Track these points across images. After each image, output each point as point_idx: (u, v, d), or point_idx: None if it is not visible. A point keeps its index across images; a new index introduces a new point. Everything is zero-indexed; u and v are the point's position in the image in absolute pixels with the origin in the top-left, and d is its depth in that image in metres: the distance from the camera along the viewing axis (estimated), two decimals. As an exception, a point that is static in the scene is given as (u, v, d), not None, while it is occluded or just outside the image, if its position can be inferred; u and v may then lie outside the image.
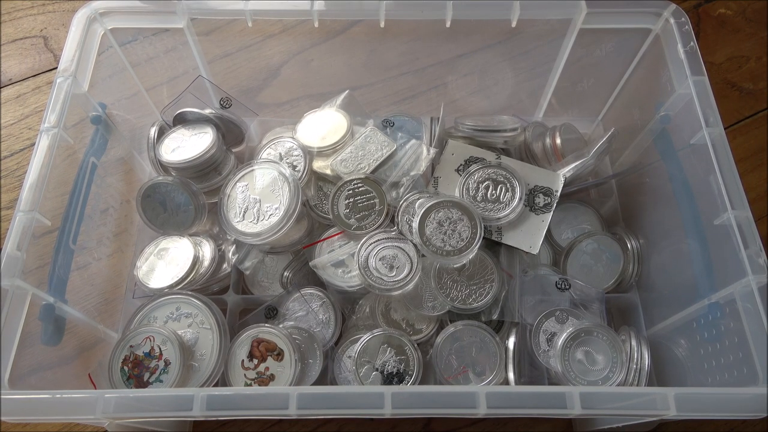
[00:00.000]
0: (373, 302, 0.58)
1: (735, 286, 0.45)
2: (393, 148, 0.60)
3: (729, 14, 0.86)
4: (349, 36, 0.64)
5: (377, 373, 0.53)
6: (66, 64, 0.53)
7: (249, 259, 0.60)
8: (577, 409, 0.39)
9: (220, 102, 0.65)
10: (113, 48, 0.60)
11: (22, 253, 0.45)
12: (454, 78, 0.72)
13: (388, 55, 0.70)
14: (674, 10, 0.56)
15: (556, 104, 0.72)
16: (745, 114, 0.79)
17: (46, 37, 0.84)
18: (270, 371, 0.53)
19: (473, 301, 0.55)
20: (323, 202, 0.61)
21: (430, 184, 0.61)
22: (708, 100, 0.52)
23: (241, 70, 0.71)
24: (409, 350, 0.53)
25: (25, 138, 0.76)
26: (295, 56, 0.71)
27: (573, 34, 0.61)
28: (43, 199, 0.48)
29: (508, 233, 0.58)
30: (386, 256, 0.55)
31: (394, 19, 0.58)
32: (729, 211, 0.47)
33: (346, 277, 0.57)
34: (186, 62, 0.65)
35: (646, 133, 0.61)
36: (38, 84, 0.81)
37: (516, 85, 0.72)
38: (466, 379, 0.54)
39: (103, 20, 0.57)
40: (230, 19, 0.60)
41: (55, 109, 0.51)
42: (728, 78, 0.82)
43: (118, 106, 0.62)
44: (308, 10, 0.57)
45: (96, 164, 0.57)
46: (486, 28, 0.62)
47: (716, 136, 0.50)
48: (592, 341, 0.53)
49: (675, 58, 0.55)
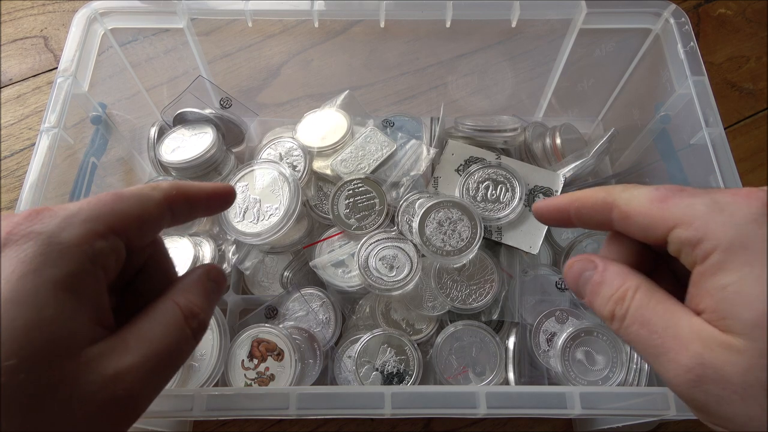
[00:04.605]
0: (373, 302, 0.58)
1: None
2: (393, 148, 0.60)
3: (729, 14, 0.86)
4: (349, 36, 0.64)
5: (377, 373, 0.53)
6: (66, 64, 0.53)
7: (249, 259, 0.60)
8: (577, 409, 0.39)
9: (220, 102, 0.65)
10: (113, 48, 0.60)
11: (22, 253, 0.45)
12: (454, 78, 0.72)
13: (388, 55, 0.70)
14: (674, 10, 0.56)
15: (556, 104, 0.72)
16: (745, 114, 0.79)
17: (46, 37, 0.84)
18: (270, 371, 0.53)
19: (473, 301, 0.55)
20: (323, 202, 0.61)
21: (430, 184, 0.61)
22: (708, 100, 0.52)
23: (241, 70, 0.71)
24: (409, 350, 0.53)
25: (25, 138, 0.76)
26: (295, 56, 0.71)
27: (573, 34, 0.61)
28: (43, 199, 0.47)
29: (508, 233, 0.58)
30: (386, 256, 0.55)
31: (394, 19, 0.58)
32: (729, 211, 0.47)
33: (346, 277, 0.57)
34: (186, 62, 0.65)
35: (646, 133, 0.61)
36: (38, 84, 0.81)
37: (516, 85, 0.72)
38: (466, 379, 0.54)
39: (103, 20, 0.57)
40: (230, 19, 0.60)
41: (56, 109, 0.51)
42: (728, 78, 0.82)
43: (118, 106, 0.62)
44: (308, 10, 0.57)
45: (96, 164, 0.57)
46: (486, 28, 0.62)
47: (716, 136, 0.50)
48: (592, 341, 0.53)
49: (675, 58, 0.55)
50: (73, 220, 0.24)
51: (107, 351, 0.24)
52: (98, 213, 0.26)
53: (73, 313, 0.23)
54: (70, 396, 0.22)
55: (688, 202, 0.26)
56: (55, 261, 0.23)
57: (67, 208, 0.25)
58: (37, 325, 0.22)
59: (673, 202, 0.27)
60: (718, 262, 0.24)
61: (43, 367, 0.21)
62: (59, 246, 0.23)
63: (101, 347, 0.24)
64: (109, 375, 0.23)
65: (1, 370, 0.20)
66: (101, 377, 0.23)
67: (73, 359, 0.22)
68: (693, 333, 0.25)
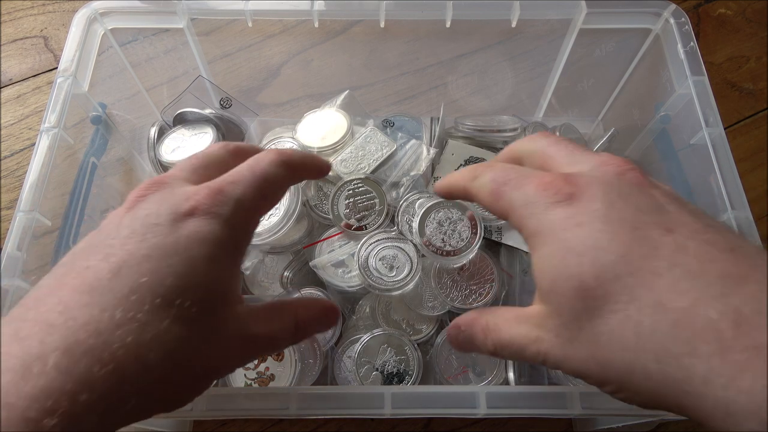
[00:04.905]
0: (373, 302, 0.58)
1: (735, 286, 0.45)
2: (393, 148, 0.60)
3: (729, 14, 0.86)
4: (349, 36, 0.64)
5: (377, 373, 0.53)
6: (66, 64, 0.53)
7: (249, 259, 0.60)
8: (577, 409, 0.39)
9: (220, 102, 0.65)
10: (113, 48, 0.60)
11: (23, 253, 0.45)
12: (454, 78, 0.72)
13: (388, 55, 0.70)
14: (674, 10, 0.56)
15: (556, 104, 0.72)
16: (745, 114, 0.79)
17: (46, 37, 0.84)
18: (270, 371, 0.53)
19: (473, 301, 0.55)
20: (323, 202, 0.61)
21: (430, 184, 0.61)
22: (708, 100, 0.52)
23: (241, 70, 0.71)
24: (409, 350, 0.53)
25: (25, 138, 0.76)
26: (295, 56, 0.71)
27: (573, 34, 0.61)
28: (43, 199, 0.47)
29: (508, 233, 0.58)
30: (386, 256, 0.55)
31: (394, 19, 0.58)
32: (729, 211, 0.47)
33: (346, 277, 0.57)
34: (186, 62, 0.65)
35: (646, 133, 0.61)
36: (38, 84, 0.81)
37: (516, 85, 0.72)
38: (466, 379, 0.54)
39: (103, 20, 0.57)
40: (230, 19, 0.60)
41: (55, 109, 0.51)
42: (728, 78, 0.82)
43: (118, 106, 0.62)
44: (308, 10, 0.57)
45: (96, 164, 0.57)
46: (486, 28, 0.62)
47: (716, 136, 0.50)
48: (592, 341, 0.53)
49: (675, 58, 0.55)
50: (240, 209, 0.32)
51: (244, 314, 0.32)
52: (256, 205, 0.33)
53: (234, 278, 0.32)
54: (228, 335, 0.30)
55: (509, 198, 0.32)
56: (228, 238, 0.31)
57: (237, 197, 0.32)
58: (217, 281, 0.30)
59: (502, 197, 0.32)
60: (531, 247, 0.30)
61: (215, 310, 0.30)
62: (232, 230, 0.31)
63: (241, 309, 0.32)
64: (247, 331, 0.31)
65: (193, 308, 0.28)
66: (243, 329, 0.31)
67: (230, 310, 0.31)
68: (523, 323, 0.31)
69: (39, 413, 0.24)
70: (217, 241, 0.30)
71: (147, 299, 0.27)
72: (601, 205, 0.28)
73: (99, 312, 0.26)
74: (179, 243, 0.29)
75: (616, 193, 0.29)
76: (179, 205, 0.30)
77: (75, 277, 0.28)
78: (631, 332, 0.26)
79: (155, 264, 0.28)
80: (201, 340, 0.29)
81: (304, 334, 0.35)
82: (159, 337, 0.27)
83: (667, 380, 0.25)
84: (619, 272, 0.26)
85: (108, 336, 0.25)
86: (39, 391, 0.24)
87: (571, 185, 0.30)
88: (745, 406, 0.23)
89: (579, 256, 0.28)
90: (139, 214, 0.30)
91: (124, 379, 0.25)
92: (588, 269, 0.27)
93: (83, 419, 0.24)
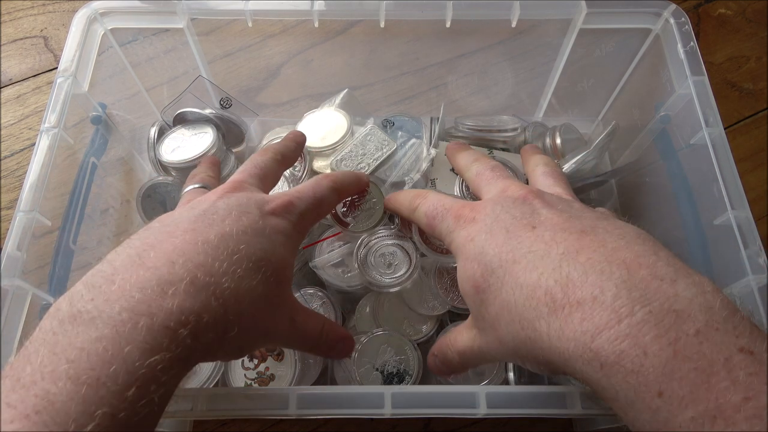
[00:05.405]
0: (374, 302, 0.58)
1: (735, 286, 0.45)
2: (393, 147, 0.59)
3: (729, 14, 0.86)
4: (349, 36, 0.64)
5: (377, 373, 0.53)
6: (66, 64, 0.53)
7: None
8: (577, 409, 0.39)
9: (220, 102, 0.65)
10: (113, 48, 0.60)
11: (22, 253, 0.45)
12: (454, 78, 0.72)
13: (388, 55, 0.70)
14: (674, 10, 0.56)
15: (556, 104, 0.72)
16: (745, 114, 0.79)
17: (46, 37, 0.84)
18: (270, 371, 0.53)
19: (473, 301, 0.55)
20: (323, 202, 0.60)
21: (428, 185, 0.61)
22: (708, 100, 0.52)
23: (241, 70, 0.71)
24: (409, 350, 0.53)
25: (25, 138, 0.76)
26: (295, 56, 0.71)
27: (573, 34, 0.61)
28: (43, 199, 0.48)
29: (508, 233, 0.58)
30: (385, 254, 0.55)
31: (394, 19, 0.58)
32: (729, 211, 0.47)
33: (346, 277, 0.57)
34: (186, 62, 0.65)
35: (646, 133, 0.61)
36: (38, 84, 0.81)
37: (516, 85, 0.72)
38: (466, 379, 0.54)
39: (103, 20, 0.57)
40: (230, 19, 0.60)
41: (55, 109, 0.51)
42: (728, 78, 0.82)
43: (118, 106, 0.62)
44: (308, 10, 0.57)
45: (96, 164, 0.57)
46: (486, 28, 0.62)
47: (716, 136, 0.50)
48: (592, 341, 0.53)
49: (675, 58, 0.55)
50: (302, 218, 0.42)
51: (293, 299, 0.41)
52: (312, 217, 0.44)
53: (292, 266, 0.40)
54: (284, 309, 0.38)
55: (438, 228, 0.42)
56: (294, 235, 0.41)
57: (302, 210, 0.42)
58: (286, 262, 0.39)
59: (434, 228, 0.42)
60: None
61: (283, 283, 0.38)
62: (295, 231, 0.41)
63: (291, 293, 0.41)
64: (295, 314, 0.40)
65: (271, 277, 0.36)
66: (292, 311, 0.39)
67: (289, 289, 0.40)
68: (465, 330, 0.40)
69: (176, 324, 0.30)
70: (288, 235, 0.39)
71: (244, 262, 0.35)
72: (489, 220, 0.37)
73: (211, 261, 0.33)
74: (265, 229, 0.38)
75: (500, 208, 0.37)
76: (263, 205, 0.39)
77: (183, 233, 0.35)
78: (506, 310, 0.33)
79: (250, 238, 0.36)
80: (271, 303, 0.36)
81: (321, 348, 0.42)
82: (250, 290, 0.34)
83: (532, 342, 0.31)
84: (494, 266, 0.34)
85: (218, 279, 0.33)
86: (176, 307, 0.30)
87: (474, 211, 0.39)
88: (573, 352, 0.29)
89: (471, 262, 0.36)
90: (232, 202, 0.39)
91: (227, 311, 0.33)
92: (477, 270, 0.35)
93: (204, 335, 0.32)
